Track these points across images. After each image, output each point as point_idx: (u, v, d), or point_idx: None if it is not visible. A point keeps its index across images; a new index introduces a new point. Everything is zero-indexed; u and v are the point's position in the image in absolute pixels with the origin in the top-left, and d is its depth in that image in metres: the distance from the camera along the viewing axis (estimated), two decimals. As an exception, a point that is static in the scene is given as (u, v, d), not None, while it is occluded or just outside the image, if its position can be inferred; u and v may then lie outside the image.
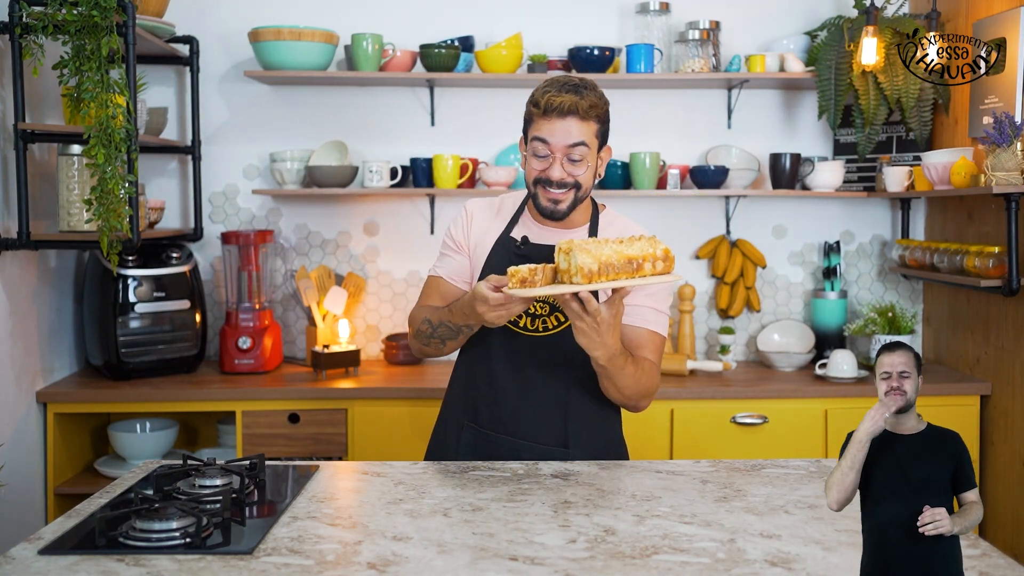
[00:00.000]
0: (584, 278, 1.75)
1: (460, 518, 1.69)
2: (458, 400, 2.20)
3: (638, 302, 2.09)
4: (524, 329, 2.10)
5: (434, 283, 2.23)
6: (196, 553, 1.52)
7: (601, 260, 1.75)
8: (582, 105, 1.99)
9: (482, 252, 2.17)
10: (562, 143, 2.01)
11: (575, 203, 2.07)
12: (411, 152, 3.68)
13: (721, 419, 3.22)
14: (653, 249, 1.82)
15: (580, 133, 2.01)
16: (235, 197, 3.71)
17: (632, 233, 2.16)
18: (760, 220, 3.77)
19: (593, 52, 3.47)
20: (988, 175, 2.87)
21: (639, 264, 1.79)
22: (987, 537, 3.14)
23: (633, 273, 1.79)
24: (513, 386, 2.11)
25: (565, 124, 2.00)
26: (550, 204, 2.06)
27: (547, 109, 2.00)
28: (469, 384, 2.18)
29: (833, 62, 3.45)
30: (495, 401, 2.12)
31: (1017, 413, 3.07)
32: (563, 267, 1.82)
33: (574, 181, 2.04)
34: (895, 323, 3.52)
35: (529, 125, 2.06)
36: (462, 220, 2.23)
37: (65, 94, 2.86)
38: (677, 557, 1.51)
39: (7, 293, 2.92)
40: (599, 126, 2.05)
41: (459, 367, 2.24)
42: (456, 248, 2.21)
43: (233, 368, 3.39)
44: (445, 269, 2.22)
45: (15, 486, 2.85)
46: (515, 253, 2.12)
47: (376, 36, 3.43)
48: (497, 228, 2.19)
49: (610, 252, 1.78)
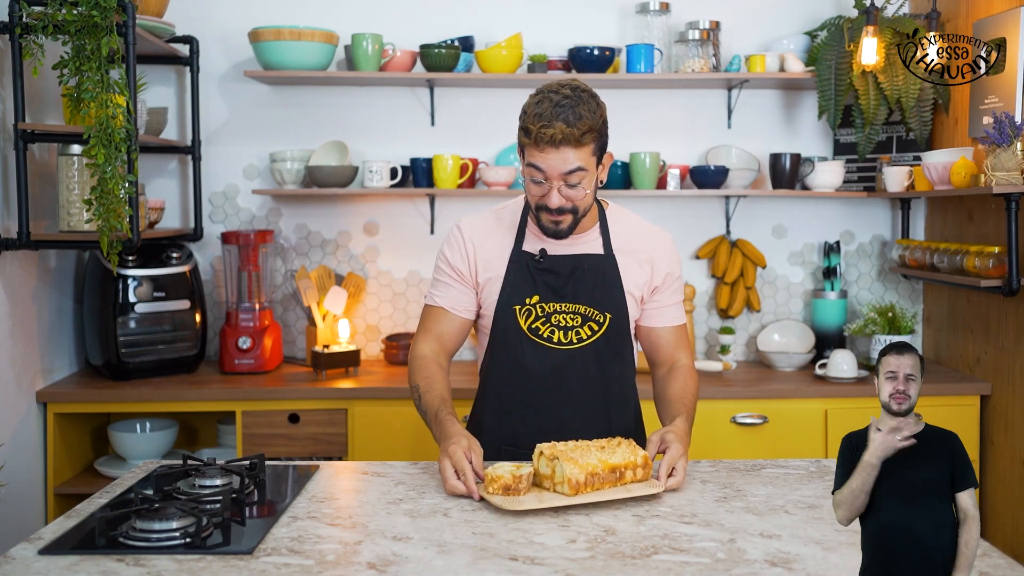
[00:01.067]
0: (571, 489, 1.74)
1: (460, 518, 1.69)
2: (488, 424, 2.13)
3: (666, 302, 2.16)
4: (559, 344, 2.08)
5: (436, 314, 2.15)
6: (196, 553, 1.52)
7: (587, 471, 1.75)
8: (575, 135, 1.92)
9: (494, 272, 2.11)
10: (558, 172, 1.95)
11: (575, 223, 2.05)
12: (411, 152, 3.68)
13: (721, 419, 3.22)
14: (634, 457, 1.82)
15: (576, 159, 1.94)
16: (235, 197, 3.71)
17: (644, 232, 2.19)
18: (760, 220, 3.77)
19: (593, 52, 3.47)
20: (988, 175, 2.87)
21: (621, 473, 1.80)
22: (987, 537, 3.14)
23: (616, 482, 1.80)
24: (553, 402, 2.09)
25: (560, 154, 1.93)
26: (552, 226, 2.03)
27: (539, 140, 1.92)
28: (502, 406, 2.13)
29: (833, 62, 3.45)
30: (536, 419, 2.09)
31: (1017, 413, 3.07)
32: (545, 472, 1.80)
33: (572, 206, 2.00)
34: (895, 323, 3.52)
35: (523, 144, 1.99)
36: (459, 245, 2.14)
37: (65, 94, 2.86)
38: (677, 557, 1.51)
39: (7, 293, 2.92)
40: (596, 143, 1.98)
41: (487, 391, 2.17)
42: (457, 277, 2.14)
43: (233, 368, 3.39)
44: (447, 300, 2.14)
45: (15, 486, 2.85)
46: (536, 268, 2.09)
47: (376, 36, 3.43)
48: (505, 245, 2.13)
49: (595, 462, 1.77)
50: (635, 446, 1.86)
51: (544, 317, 2.08)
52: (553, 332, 2.08)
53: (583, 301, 2.09)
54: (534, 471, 1.82)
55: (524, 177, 2.01)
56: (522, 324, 2.08)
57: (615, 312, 2.11)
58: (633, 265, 2.14)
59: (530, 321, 2.08)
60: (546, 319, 2.08)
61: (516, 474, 1.75)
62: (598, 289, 2.10)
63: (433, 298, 2.17)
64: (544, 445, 1.82)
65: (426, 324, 2.17)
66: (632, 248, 2.15)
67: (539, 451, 1.82)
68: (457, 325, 2.15)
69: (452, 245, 2.16)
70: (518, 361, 2.09)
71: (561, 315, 2.09)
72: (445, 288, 2.15)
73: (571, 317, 2.08)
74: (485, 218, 2.18)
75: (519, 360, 2.09)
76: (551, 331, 2.08)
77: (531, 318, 2.08)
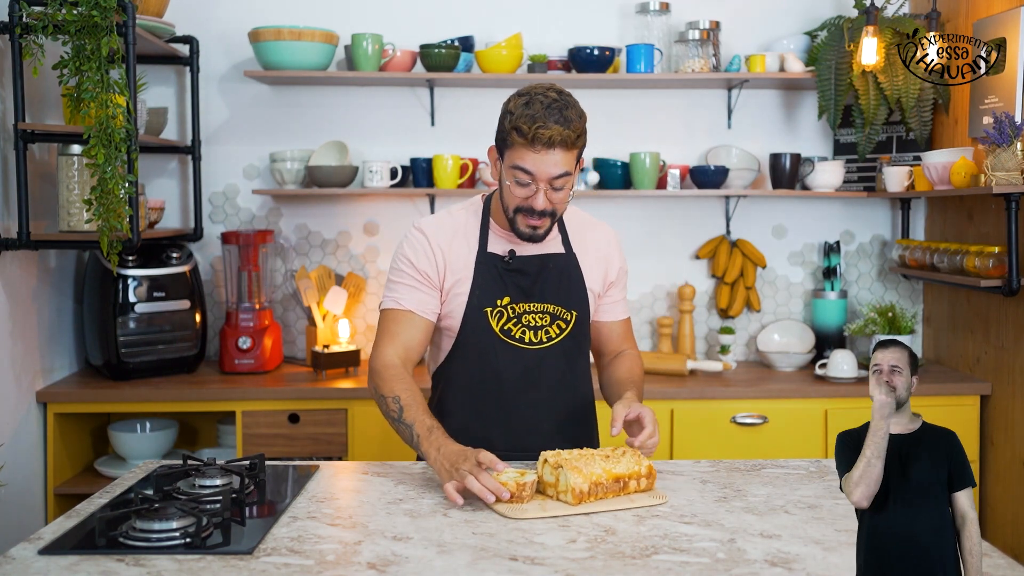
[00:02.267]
0: (575, 499, 1.74)
1: (460, 518, 1.69)
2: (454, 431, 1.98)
3: (616, 297, 2.22)
4: (530, 344, 2.09)
5: (401, 318, 2.07)
6: (196, 553, 1.52)
7: (591, 480, 1.75)
8: (570, 137, 1.92)
9: (461, 275, 2.08)
10: (547, 175, 1.95)
11: (551, 227, 2.05)
12: (411, 152, 3.68)
13: (721, 419, 3.22)
14: (638, 467, 1.82)
15: (564, 163, 1.95)
16: (235, 197, 3.71)
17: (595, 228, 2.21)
18: (760, 220, 3.77)
19: (593, 52, 3.47)
20: (988, 175, 2.87)
21: (625, 483, 1.80)
22: (987, 537, 3.14)
23: (619, 492, 1.79)
24: (527, 402, 2.10)
25: (552, 156, 1.93)
26: (529, 230, 2.02)
27: (534, 140, 1.91)
28: (474, 412, 2.11)
29: (833, 62, 3.45)
30: (508, 422, 2.09)
31: (1017, 413, 3.07)
32: (549, 480, 1.79)
33: (552, 209, 2.00)
34: (895, 323, 3.52)
35: (508, 148, 1.97)
36: (423, 248, 2.08)
37: (65, 94, 2.86)
38: (677, 557, 1.51)
39: (7, 293, 2.92)
40: (580, 149, 1.99)
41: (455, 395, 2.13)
42: (423, 279, 2.08)
43: (233, 368, 3.39)
44: (414, 302, 2.07)
45: (15, 486, 2.85)
46: (505, 269, 2.09)
47: (376, 36, 3.43)
48: (470, 247, 2.10)
49: (599, 471, 1.77)
50: (639, 455, 1.86)
51: (515, 318, 2.09)
52: (524, 332, 2.08)
53: (550, 300, 2.11)
54: (538, 478, 1.82)
55: (507, 180, 1.99)
56: (494, 326, 2.07)
57: (580, 309, 2.13)
58: (591, 261, 2.17)
59: (502, 323, 2.08)
60: (517, 320, 2.08)
61: (520, 482, 1.74)
62: (563, 287, 2.12)
63: (397, 301, 2.08)
64: (548, 453, 1.82)
65: (390, 328, 2.07)
66: (589, 246, 2.19)
67: (543, 459, 1.82)
68: (423, 330, 2.08)
69: (415, 247, 2.09)
70: (490, 364, 2.08)
71: (531, 315, 2.09)
72: (409, 291, 2.08)
73: (540, 316, 2.09)
74: (443, 219, 2.14)
75: (491, 363, 2.08)
76: (522, 331, 2.08)
77: (503, 319, 2.08)
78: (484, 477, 1.73)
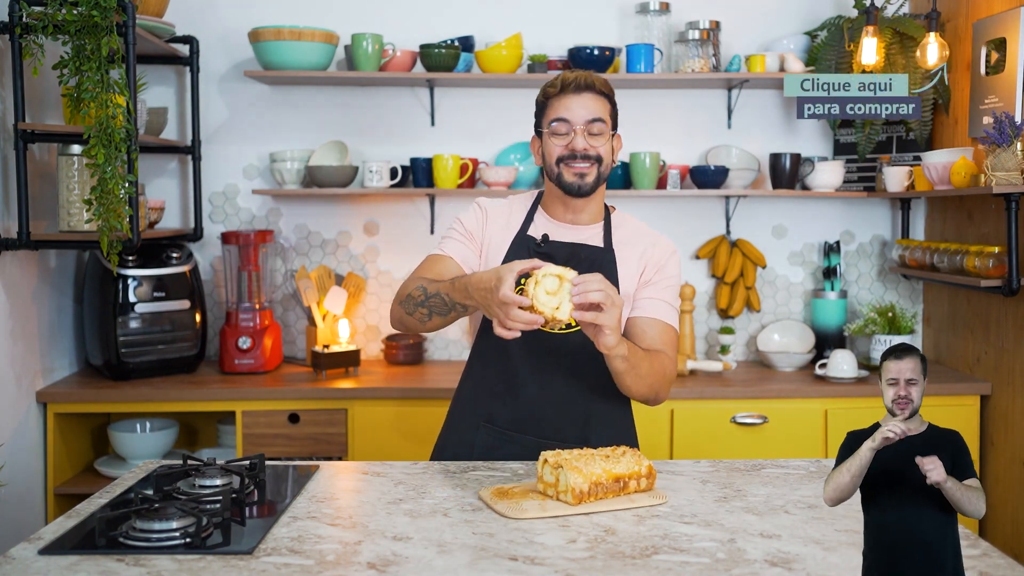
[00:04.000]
0: (575, 499, 1.74)
1: (460, 518, 1.69)
2: (470, 400, 2.16)
3: (653, 295, 2.12)
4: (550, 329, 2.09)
5: (439, 260, 2.15)
6: (196, 553, 1.52)
7: (591, 480, 1.75)
8: (597, 82, 2.08)
9: (496, 250, 2.15)
10: (582, 119, 2.07)
11: (599, 179, 2.11)
12: (411, 152, 3.68)
13: (721, 419, 3.22)
14: (639, 467, 1.82)
15: (597, 109, 2.08)
16: (235, 197, 3.71)
17: (649, 236, 2.19)
18: (760, 220, 3.77)
19: (593, 52, 3.47)
20: (988, 175, 2.87)
21: (625, 483, 1.80)
22: (987, 537, 3.14)
23: (619, 492, 1.79)
24: (534, 384, 2.10)
25: (582, 100, 2.07)
26: (576, 179, 2.09)
27: (563, 86, 2.07)
28: (484, 384, 2.14)
29: (833, 62, 3.45)
30: (514, 400, 2.10)
31: (1017, 413, 3.07)
32: (549, 480, 1.79)
33: (596, 154, 2.08)
34: (895, 323, 3.52)
35: (545, 111, 2.12)
36: (476, 214, 2.20)
37: (65, 94, 2.86)
38: (677, 557, 1.51)
39: (7, 293, 2.92)
40: (612, 107, 2.12)
41: (473, 366, 2.20)
42: (469, 237, 2.18)
43: (233, 368, 3.39)
44: (455, 251, 2.16)
45: (15, 486, 2.85)
46: (536, 252, 2.11)
47: (376, 36, 3.43)
48: (512, 228, 2.18)
49: (599, 471, 1.77)
50: (640, 456, 1.86)
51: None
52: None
53: None
54: (538, 478, 1.82)
55: (546, 141, 2.11)
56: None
57: None
58: (631, 262, 2.14)
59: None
60: None
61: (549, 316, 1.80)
62: None
63: (441, 248, 2.18)
64: (548, 453, 1.82)
65: (425, 265, 2.15)
66: (634, 248, 2.16)
67: (543, 459, 1.82)
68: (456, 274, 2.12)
69: (470, 213, 2.22)
70: (503, 340, 2.07)
71: None
72: (454, 244, 2.18)
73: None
74: (500, 200, 2.27)
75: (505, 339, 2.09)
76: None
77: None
78: (515, 316, 1.79)
